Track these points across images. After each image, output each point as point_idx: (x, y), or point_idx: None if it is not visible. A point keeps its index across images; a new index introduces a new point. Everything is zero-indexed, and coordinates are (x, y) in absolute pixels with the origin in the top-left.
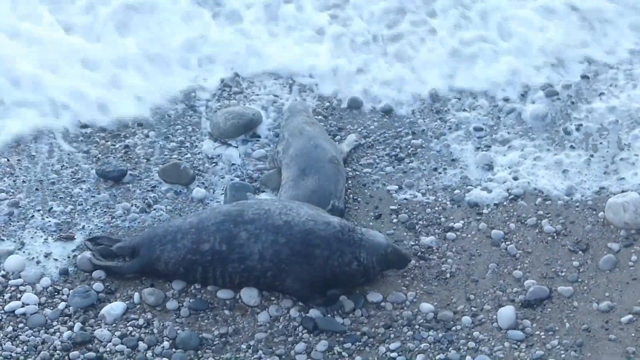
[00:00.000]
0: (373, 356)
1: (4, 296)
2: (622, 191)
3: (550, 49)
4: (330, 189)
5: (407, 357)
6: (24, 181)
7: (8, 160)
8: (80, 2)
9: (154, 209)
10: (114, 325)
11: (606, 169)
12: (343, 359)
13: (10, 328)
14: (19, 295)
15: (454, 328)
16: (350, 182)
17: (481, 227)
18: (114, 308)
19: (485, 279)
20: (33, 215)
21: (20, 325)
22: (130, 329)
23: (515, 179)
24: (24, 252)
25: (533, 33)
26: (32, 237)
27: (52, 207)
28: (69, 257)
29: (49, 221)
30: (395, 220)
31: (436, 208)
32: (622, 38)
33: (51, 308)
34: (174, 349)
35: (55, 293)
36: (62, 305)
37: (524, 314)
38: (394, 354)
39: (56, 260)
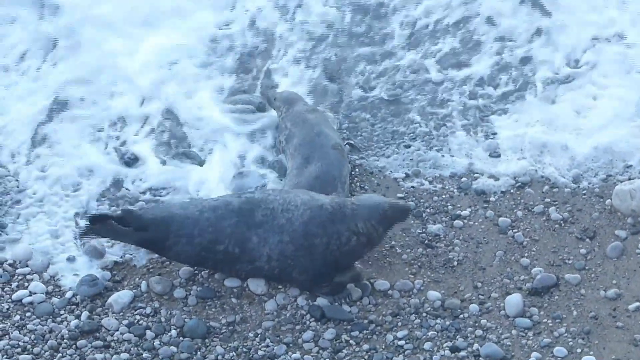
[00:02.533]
0: (380, 344)
1: (11, 285)
2: (629, 178)
3: None
4: (334, 175)
5: (414, 345)
6: None
7: None
8: None
9: None
10: (121, 313)
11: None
12: (350, 347)
13: (17, 317)
14: (26, 284)
15: (461, 316)
16: (357, 169)
17: (488, 214)
18: (121, 297)
19: (492, 267)
20: None
21: (28, 314)
22: (138, 317)
23: (522, 166)
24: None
25: None
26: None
27: None
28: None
29: None
30: None
31: (443, 196)
32: None
33: (58, 297)
34: (181, 338)
35: (60, 279)
36: (69, 293)
37: (532, 301)
38: (401, 342)
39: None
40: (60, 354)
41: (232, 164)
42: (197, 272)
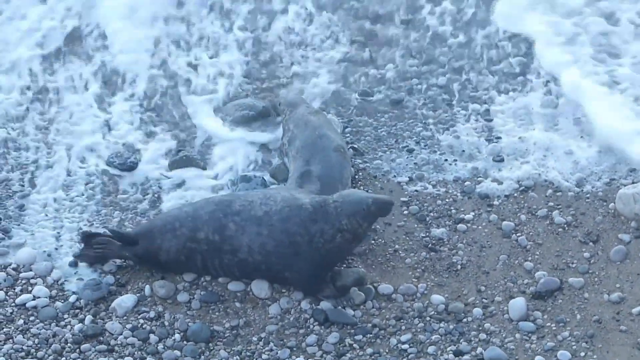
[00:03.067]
0: (384, 348)
1: (15, 289)
2: (633, 182)
3: None
4: (335, 177)
5: (418, 348)
6: None
7: None
8: None
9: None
10: (125, 317)
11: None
12: (354, 350)
13: (21, 321)
14: (29, 288)
15: (465, 320)
16: (360, 173)
17: (492, 218)
18: (125, 301)
19: (496, 271)
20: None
21: (31, 318)
22: (141, 321)
23: (526, 170)
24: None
25: None
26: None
27: None
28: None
29: None
30: (405, 212)
31: (447, 200)
32: None
33: (62, 301)
34: (185, 342)
35: (65, 284)
36: (73, 298)
37: (535, 305)
38: (405, 346)
39: (67, 253)
40: (64, 358)
41: (235, 168)
42: (191, 272)
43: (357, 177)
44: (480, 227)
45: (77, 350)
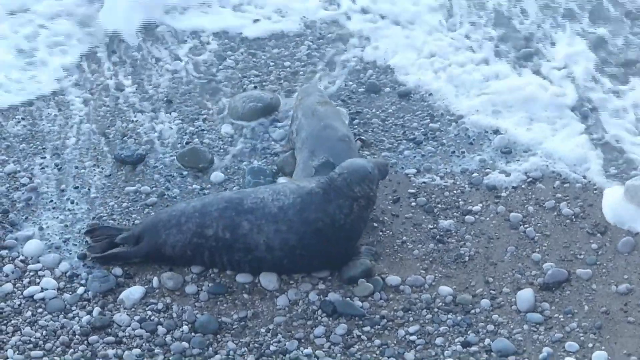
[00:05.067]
0: (392, 339)
1: (23, 281)
2: None
3: None
4: None
5: (426, 340)
6: None
7: None
8: None
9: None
10: (133, 309)
11: None
12: (362, 342)
13: (29, 313)
14: (37, 280)
15: (472, 311)
16: None
17: (499, 210)
18: (133, 292)
19: (503, 262)
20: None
21: (39, 310)
22: (149, 313)
23: (534, 162)
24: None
25: None
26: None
27: None
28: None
29: None
30: (413, 204)
31: (454, 191)
32: None
33: (70, 293)
34: (193, 333)
35: (74, 277)
36: (81, 290)
37: (543, 296)
38: (413, 337)
39: (75, 245)
40: (72, 350)
41: (242, 160)
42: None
43: None
44: (487, 218)
45: (85, 342)
